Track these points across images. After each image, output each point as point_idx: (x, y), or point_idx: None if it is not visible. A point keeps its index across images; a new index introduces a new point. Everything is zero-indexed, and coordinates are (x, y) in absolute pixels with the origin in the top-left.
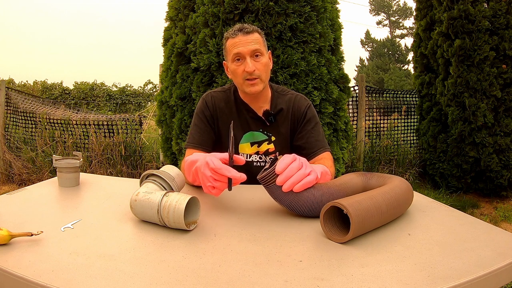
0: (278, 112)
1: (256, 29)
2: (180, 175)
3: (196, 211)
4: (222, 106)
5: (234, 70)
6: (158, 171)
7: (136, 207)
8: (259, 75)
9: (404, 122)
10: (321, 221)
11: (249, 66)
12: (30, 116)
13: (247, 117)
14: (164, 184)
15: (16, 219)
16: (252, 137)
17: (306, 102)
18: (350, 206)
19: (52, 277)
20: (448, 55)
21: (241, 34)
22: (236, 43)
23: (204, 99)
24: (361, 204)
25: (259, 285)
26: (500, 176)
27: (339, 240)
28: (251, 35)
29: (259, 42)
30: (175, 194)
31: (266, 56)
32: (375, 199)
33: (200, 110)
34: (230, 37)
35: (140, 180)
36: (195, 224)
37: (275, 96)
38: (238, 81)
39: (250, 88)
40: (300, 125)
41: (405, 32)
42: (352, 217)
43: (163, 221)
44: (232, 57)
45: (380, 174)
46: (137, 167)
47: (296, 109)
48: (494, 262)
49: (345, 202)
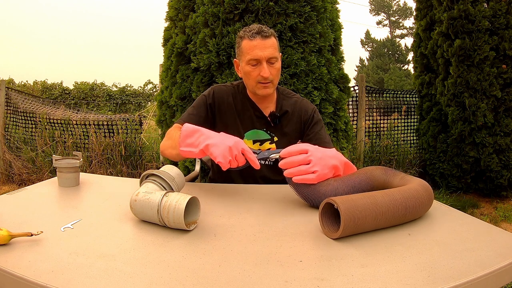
0: (284, 114)
1: (273, 33)
2: (180, 175)
3: (196, 211)
4: (229, 101)
5: (249, 73)
6: (158, 171)
7: (136, 207)
8: (272, 80)
9: (404, 122)
10: (320, 216)
11: (266, 72)
12: (30, 116)
13: (252, 115)
14: (164, 184)
15: (16, 219)
16: (255, 135)
17: (312, 105)
18: (342, 203)
19: (52, 277)
20: (448, 55)
21: (259, 37)
22: (254, 46)
23: (213, 88)
24: (354, 202)
25: (259, 285)
26: (500, 176)
27: (332, 236)
28: (268, 39)
29: (275, 47)
30: (175, 194)
31: (280, 60)
32: (374, 198)
33: (205, 96)
34: (247, 37)
35: (140, 180)
36: (195, 224)
37: (281, 98)
38: (250, 83)
39: (262, 91)
40: (308, 128)
41: (405, 32)
42: (342, 213)
43: (163, 221)
44: (248, 59)
45: (403, 175)
46: (137, 167)
47: (303, 112)
48: (494, 262)
49: (339, 199)
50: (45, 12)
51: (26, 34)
